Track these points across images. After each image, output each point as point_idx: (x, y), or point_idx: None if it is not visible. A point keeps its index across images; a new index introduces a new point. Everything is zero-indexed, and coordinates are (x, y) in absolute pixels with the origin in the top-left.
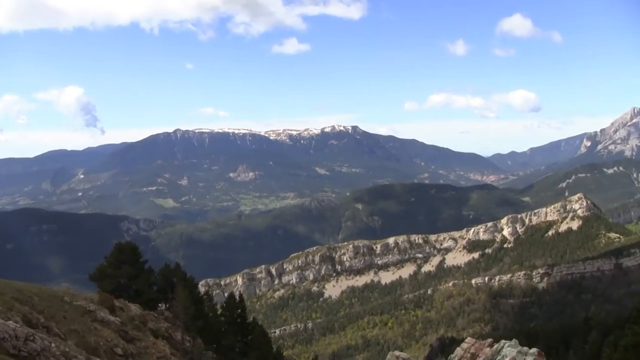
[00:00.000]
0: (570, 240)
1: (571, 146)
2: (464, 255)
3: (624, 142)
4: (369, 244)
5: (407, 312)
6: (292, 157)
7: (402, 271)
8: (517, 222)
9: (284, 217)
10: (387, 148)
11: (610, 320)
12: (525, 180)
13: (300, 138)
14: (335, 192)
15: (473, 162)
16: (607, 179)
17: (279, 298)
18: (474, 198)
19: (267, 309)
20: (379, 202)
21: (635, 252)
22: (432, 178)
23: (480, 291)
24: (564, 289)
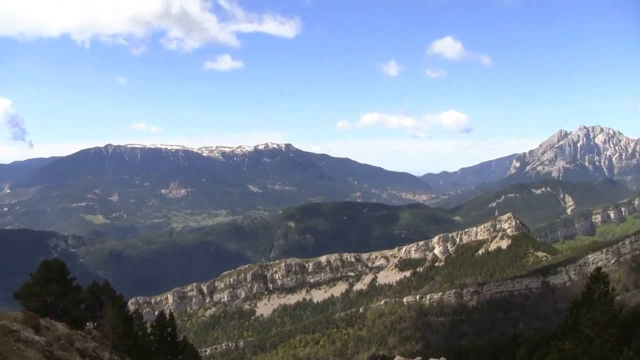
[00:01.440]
0: (499, 259)
1: (501, 167)
2: (396, 274)
3: (551, 163)
4: (301, 262)
5: (339, 330)
6: (224, 175)
7: (334, 289)
8: (448, 241)
9: (216, 235)
10: (320, 166)
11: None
12: (456, 199)
13: (233, 155)
14: (268, 210)
15: (405, 181)
16: (535, 199)
17: (210, 316)
18: (406, 217)
19: (198, 327)
20: (312, 220)
21: (561, 271)
22: (364, 197)
23: (412, 309)
24: (494, 306)
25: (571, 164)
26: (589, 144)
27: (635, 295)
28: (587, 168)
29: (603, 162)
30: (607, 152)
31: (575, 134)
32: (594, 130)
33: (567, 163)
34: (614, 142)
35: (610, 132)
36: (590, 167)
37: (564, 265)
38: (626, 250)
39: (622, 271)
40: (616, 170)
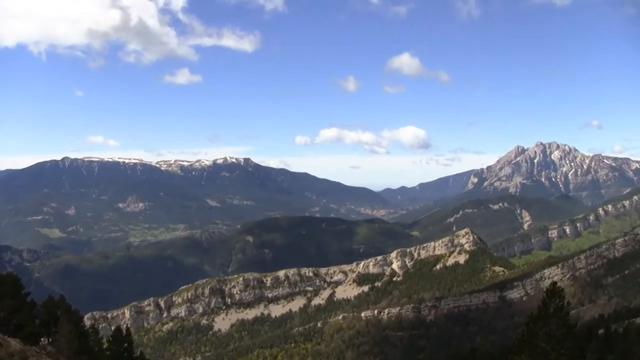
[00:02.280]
0: (457, 274)
1: (459, 182)
2: (354, 289)
3: (508, 179)
4: (259, 277)
5: (297, 345)
6: (183, 189)
7: (292, 304)
8: (406, 255)
9: (173, 249)
10: (279, 181)
11: (495, 350)
12: (414, 214)
13: (191, 169)
14: (226, 224)
15: (364, 196)
16: (492, 214)
17: (168, 331)
18: (364, 232)
19: (155, 342)
20: (270, 234)
21: (518, 285)
22: (323, 211)
23: (370, 324)
24: (451, 321)
25: (528, 180)
26: (545, 160)
27: (590, 309)
28: (543, 184)
29: (559, 178)
30: (563, 168)
31: (532, 150)
32: (550, 147)
33: (524, 179)
34: (570, 159)
35: (566, 148)
36: (547, 183)
37: (521, 280)
38: (581, 265)
39: (578, 285)
40: (572, 186)
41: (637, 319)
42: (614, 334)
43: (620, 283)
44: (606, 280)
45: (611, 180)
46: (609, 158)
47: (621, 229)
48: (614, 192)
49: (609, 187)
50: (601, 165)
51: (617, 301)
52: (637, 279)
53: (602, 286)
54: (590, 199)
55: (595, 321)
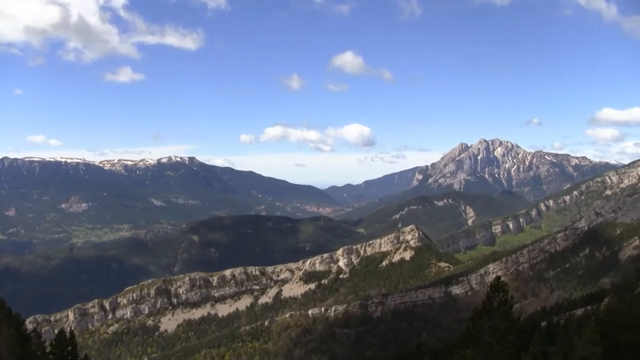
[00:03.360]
0: (403, 270)
1: (404, 179)
2: (301, 286)
3: (453, 175)
4: (205, 277)
5: (245, 344)
6: (127, 188)
7: (239, 303)
8: (353, 253)
9: (118, 250)
10: (224, 180)
11: (441, 345)
12: (360, 212)
13: (135, 169)
14: (171, 223)
15: (309, 194)
16: (437, 210)
17: (113, 333)
18: (310, 230)
19: (100, 344)
20: (216, 234)
21: (463, 281)
22: (268, 210)
23: (317, 321)
24: (398, 317)
25: (472, 176)
26: (488, 157)
27: (533, 302)
28: (487, 180)
29: (502, 174)
30: (505, 164)
31: (475, 147)
32: (493, 144)
33: (468, 175)
34: (512, 155)
35: (509, 145)
36: (490, 179)
37: (466, 275)
38: (524, 260)
39: (521, 280)
40: (514, 182)
41: (578, 310)
42: (555, 326)
43: (561, 276)
44: (548, 274)
45: (552, 176)
46: (550, 154)
47: (562, 224)
48: (554, 187)
49: (550, 183)
50: (542, 162)
51: (559, 294)
52: (578, 272)
53: (545, 280)
54: (532, 194)
55: (538, 314)
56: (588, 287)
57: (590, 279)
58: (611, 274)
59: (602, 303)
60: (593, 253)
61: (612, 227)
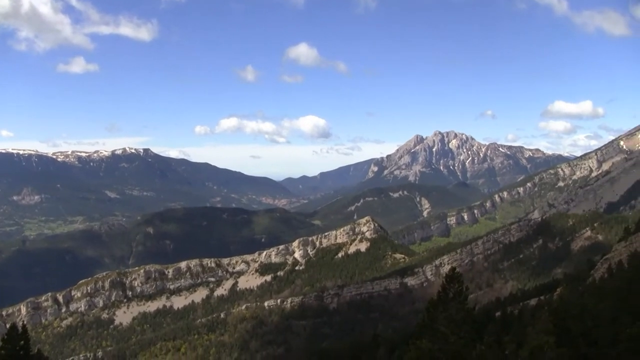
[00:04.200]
0: (358, 262)
1: (359, 171)
2: (257, 278)
3: (408, 167)
4: (160, 269)
5: (201, 336)
6: (81, 180)
7: (195, 295)
8: (308, 244)
9: (71, 242)
10: (179, 172)
11: (397, 336)
12: (315, 203)
13: (89, 160)
14: (126, 215)
15: (265, 186)
16: (392, 202)
17: (67, 327)
18: (266, 221)
19: (53, 339)
20: (171, 225)
21: (418, 272)
22: (224, 202)
23: (273, 313)
24: (354, 308)
25: (427, 168)
26: (443, 149)
27: (488, 293)
28: (442, 172)
29: (457, 166)
30: (460, 156)
31: (430, 139)
32: (448, 136)
33: (423, 167)
34: (467, 147)
35: (464, 137)
36: (445, 171)
37: (421, 266)
38: (479, 251)
39: (476, 270)
40: (469, 174)
41: (531, 301)
42: (509, 316)
43: (515, 267)
44: (502, 265)
45: (506, 168)
46: (504, 147)
47: (516, 215)
48: (508, 179)
49: (504, 175)
50: (496, 154)
51: (513, 284)
52: (531, 263)
53: (499, 270)
54: (487, 186)
55: (493, 304)
56: (541, 277)
57: (543, 269)
58: (564, 265)
59: (554, 293)
60: (546, 244)
61: (564, 219)
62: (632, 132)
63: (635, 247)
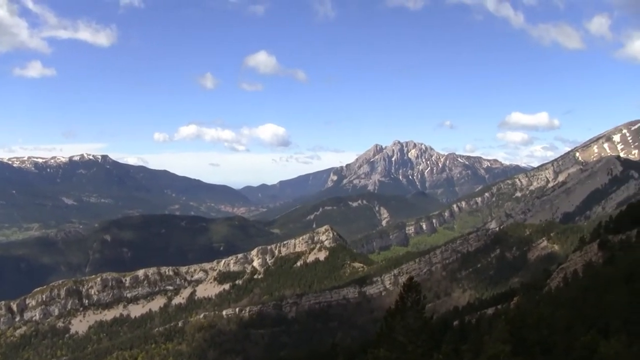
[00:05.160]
0: (317, 270)
1: (319, 180)
2: (215, 287)
3: (367, 177)
4: (117, 277)
5: (158, 345)
6: (37, 187)
7: (152, 304)
8: (267, 253)
9: (27, 249)
10: (138, 179)
11: (355, 345)
12: (275, 212)
13: (46, 166)
14: (83, 223)
15: (224, 194)
16: (351, 211)
17: (21, 336)
18: (225, 230)
19: (6, 348)
20: (129, 233)
21: (377, 281)
22: (183, 209)
23: (231, 322)
24: (312, 317)
25: (386, 178)
26: (403, 159)
27: (446, 302)
28: (401, 181)
29: (416, 176)
30: (419, 166)
31: (390, 149)
32: (407, 146)
33: (383, 176)
34: (426, 157)
35: (423, 147)
36: (404, 181)
37: (380, 275)
38: (437, 260)
39: (434, 279)
40: (428, 184)
41: (489, 310)
42: (467, 325)
43: (473, 276)
44: (460, 274)
45: (464, 178)
46: (462, 157)
47: (474, 225)
48: (467, 189)
49: (463, 185)
50: (455, 164)
51: (471, 293)
52: (489, 272)
53: (457, 280)
54: (445, 196)
55: (450, 313)
56: (498, 286)
57: (500, 278)
58: (520, 274)
59: (511, 302)
60: (503, 253)
61: (521, 228)
62: (587, 143)
63: (590, 256)
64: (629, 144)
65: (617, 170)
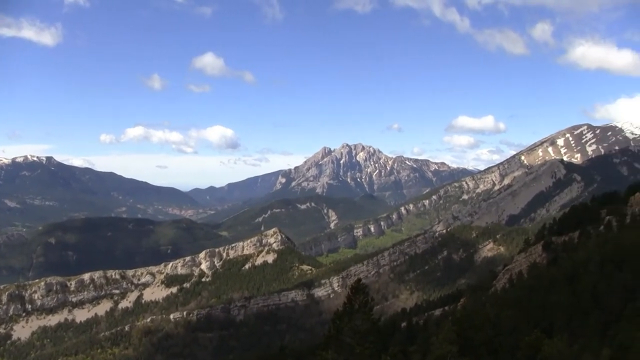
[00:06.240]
0: (266, 273)
1: (267, 182)
2: (162, 290)
3: (316, 179)
4: (62, 281)
5: (104, 350)
6: None
7: (98, 308)
8: (215, 256)
9: None
10: (84, 181)
11: (304, 348)
12: (223, 214)
13: None
14: (27, 226)
15: (172, 196)
16: (300, 214)
17: None
18: (172, 232)
19: None
20: (74, 236)
21: (325, 283)
22: (130, 212)
23: (179, 326)
24: (261, 320)
25: (335, 180)
26: (351, 161)
27: (394, 303)
28: (349, 184)
29: (364, 178)
30: (368, 169)
31: (338, 152)
32: (356, 148)
33: (331, 179)
34: (374, 160)
35: (371, 150)
36: (353, 183)
37: (328, 278)
38: (385, 262)
39: (382, 281)
40: (376, 187)
41: (436, 311)
42: (415, 326)
43: (420, 278)
44: (408, 276)
45: (412, 180)
46: (410, 160)
47: (421, 227)
48: (414, 192)
49: (410, 187)
50: (403, 167)
51: (418, 295)
52: (436, 274)
53: (405, 281)
54: (393, 198)
55: (398, 315)
56: (446, 288)
57: (447, 280)
58: (467, 275)
59: (458, 303)
60: (450, 255)
61: (468, 231)
62: (532, 147)
63: (535, 258)
64: (572, 147)
65: (561, 174)
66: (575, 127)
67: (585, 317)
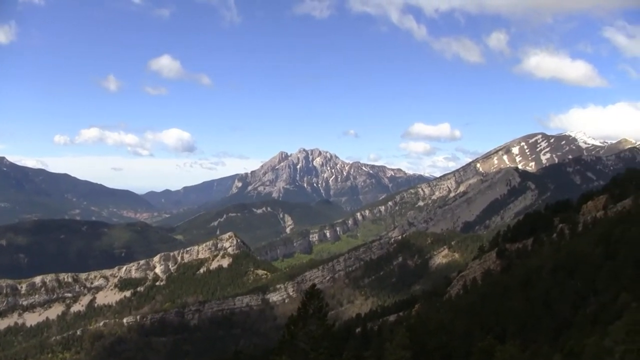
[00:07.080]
0: (221, 278)
1: (223, 186)
2: (116, 294)
3: (272, 184)
4: (12, 284)
5: (55, 355)
6: None
7: (50, 312)
8: (170, 259)
9: None
10: (37, 182)
11: (258, 352)
12: (178, 218)
13: None
14: None
15: (127, 199)
16: (256, 218)
17: None
18: (127, 236)
19: None
20: (26, 238)
21: (280, 288)
22: (84, 214)
23: (132, 330)
24: (215, 324)
25: (291, 185)
26: (308, 166)
27: (349, 309)
28: (305, 189)
29: (321, 183)
30: (324, 174)
31: (295, 156)
32: (312, 154)
33: (287, 184)
34: (331, 165)
35: (328, 155)
36: (309, 188)
37: (283, 283)
38: (340, 267)
39: (337, 287)
40: (332, 192)
41: (391, 317)
42: (369, 331)
43: (375, 284)
44: (363, 282)
45: (369, 186)
46: (367, 165)
47: (377, 233)
48: (371, 197)
49: (367, 193)
50: (360, 172)
51: (373, 301)
52: (391, 280)
53: (360, 287)
54: (349, 204)
55: (353, 320)
56: (401, 293)
57: (402, 286)
58: (422, 281)
59: (413, 309)
60: (406, 261)
61: (423, 237)
62: (487, 155)
63: (489, 265)
64: (527, 156)
65: (515, 182)
66: (530, 136)
67: (537, 323)
